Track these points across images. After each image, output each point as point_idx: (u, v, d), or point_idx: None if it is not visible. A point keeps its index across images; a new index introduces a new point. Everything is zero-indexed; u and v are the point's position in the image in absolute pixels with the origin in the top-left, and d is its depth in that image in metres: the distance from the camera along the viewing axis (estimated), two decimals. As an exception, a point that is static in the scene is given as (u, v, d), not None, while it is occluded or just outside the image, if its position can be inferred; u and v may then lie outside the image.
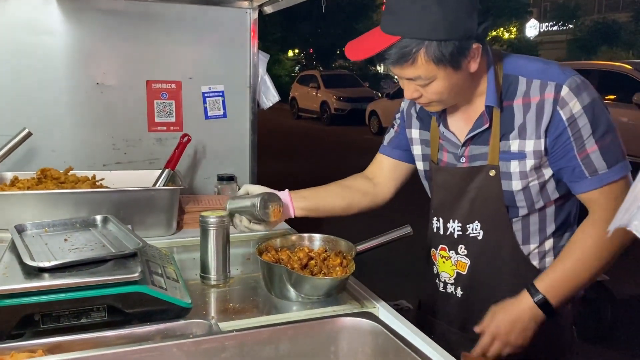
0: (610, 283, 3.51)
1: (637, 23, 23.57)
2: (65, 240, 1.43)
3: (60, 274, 1.18)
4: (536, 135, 1.33)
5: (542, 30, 30.54)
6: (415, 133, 1.60)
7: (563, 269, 1.35)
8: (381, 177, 1.72)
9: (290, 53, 30.43)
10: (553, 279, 1.35)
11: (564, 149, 1.31)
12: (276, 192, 1.59)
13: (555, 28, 29.52)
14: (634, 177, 1.00)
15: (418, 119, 1.59)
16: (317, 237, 1.62)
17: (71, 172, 2.10)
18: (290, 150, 11.50)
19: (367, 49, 1.29)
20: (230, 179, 2.40)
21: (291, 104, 19.18)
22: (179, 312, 1.26)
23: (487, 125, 1.38)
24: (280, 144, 11.55)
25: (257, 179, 2.67)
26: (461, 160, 1.45)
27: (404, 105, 1.66)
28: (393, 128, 1.69)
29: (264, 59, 2.65)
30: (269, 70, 2.72)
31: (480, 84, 1.39)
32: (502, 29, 27.32)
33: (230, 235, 1.57)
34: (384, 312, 1.39)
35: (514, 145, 1.35)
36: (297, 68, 28.96)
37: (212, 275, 1.53)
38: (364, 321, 1.22)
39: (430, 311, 1.63)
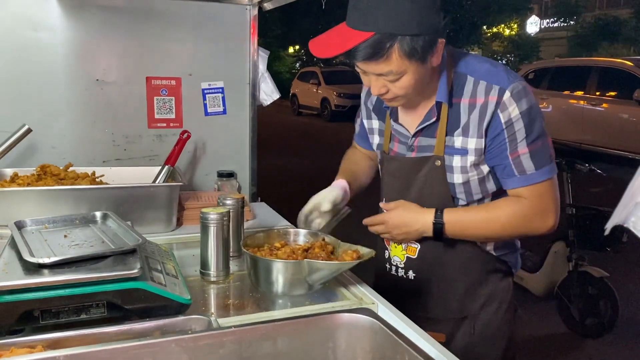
0: (610, 280, 3.52)
1: (638, 19, 23.47)
2: (65, 236, 1.43)
3: (60, 270, 1.18)
4: (478, 134, 1.41)
5: (543, 26, 30.46)
6: (371, 123, 1.69)
7: (469, 219, 1.49)
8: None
9: (291, 49, 30.39)
10: (458, 220, 1.48)
11: (499, 148, 1.41)
12: (335, 184, 1.69)
13: (556, 24, 29.41)
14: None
15: (374, 111, 1.67)
16: (302, 232, 1.61)
17: (71, 169, 2.10)
18: (290, 146, 11.48)
19: (336, 46, 1.31)
20: (230, 175, 2.40)
21: (292, 101, 19.15)
22: (178, 308, 1.26)
23: (434, 119, 1.46)
24: (281, 141, 11.53)
25: (256, 176, 2.68)
26: (411, 150, 1.53)
27: (362, 97, 1.72)
28: (358, 120, 1.78)
29: (264, 55, 2.65)
30: (270, 66, 2.72)
31: (435, 79, 1.45)
32: (502, 25, 27.24)
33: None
34: (383, 308, 1.40)
35: (458, 142, 1.44)
36: (297, 64, 28.92)
37: (212, 271, 1.53)
38: (362, 317, 1.22)
39: (383, 294, 1.65)
